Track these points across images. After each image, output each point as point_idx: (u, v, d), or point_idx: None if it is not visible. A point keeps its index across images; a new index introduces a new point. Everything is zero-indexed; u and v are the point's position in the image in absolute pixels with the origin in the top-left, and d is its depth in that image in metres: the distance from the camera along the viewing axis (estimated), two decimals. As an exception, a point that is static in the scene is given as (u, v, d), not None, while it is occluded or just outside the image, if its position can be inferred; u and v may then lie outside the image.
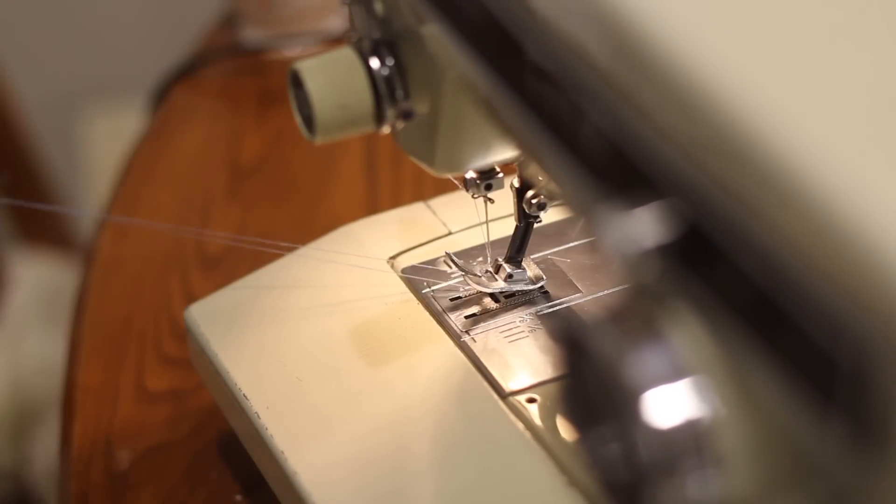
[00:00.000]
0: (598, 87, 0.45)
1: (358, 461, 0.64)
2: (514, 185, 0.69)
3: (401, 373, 0.68)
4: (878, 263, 0.35)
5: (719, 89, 0.40)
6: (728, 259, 0.40)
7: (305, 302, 0.73)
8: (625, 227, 0.42)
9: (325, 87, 0.62)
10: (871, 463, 0.37)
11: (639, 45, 0.42)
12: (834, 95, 0.40)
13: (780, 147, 0.38)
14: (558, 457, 0.61)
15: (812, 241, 0.37)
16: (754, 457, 0.42)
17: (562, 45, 0.47)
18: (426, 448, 0.64)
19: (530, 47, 0.49)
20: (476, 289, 0.70)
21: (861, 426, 0.37)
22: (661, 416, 0.42)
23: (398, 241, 0.75)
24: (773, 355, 0.39)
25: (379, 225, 0.77)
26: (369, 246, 0.75)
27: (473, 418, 0.65)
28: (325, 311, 0.72)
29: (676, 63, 0.41)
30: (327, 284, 0.73)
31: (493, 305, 0.70)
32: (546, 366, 0.67)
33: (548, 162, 0.49)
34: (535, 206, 0.68)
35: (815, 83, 0.40)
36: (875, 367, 0.36)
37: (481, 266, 0.71)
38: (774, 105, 0.39)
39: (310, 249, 0.76)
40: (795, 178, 0.37)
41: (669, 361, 0.43)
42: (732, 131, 0.39)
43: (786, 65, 0.41)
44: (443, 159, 0.64)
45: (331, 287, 0.73)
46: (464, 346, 0.69)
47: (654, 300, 0.43)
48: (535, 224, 0.70)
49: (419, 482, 0.62)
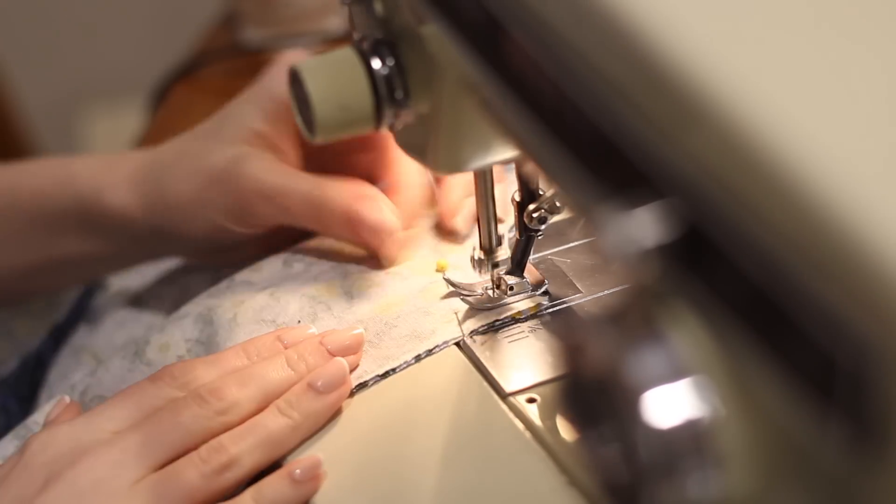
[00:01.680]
0: (598, 86, 0.45)
1: (358, 460, 0.64)
2: (514, 198, 0.69)
3: (401, 373, 0.68)
4: (878, 263, 0.35)
5: (720, 89, 0.40)
6: (728, 259, 0.40)
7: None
8: (625, 227, 0.42)
9: (325, 88, 0.62)
10: (871, 463, 0.37)
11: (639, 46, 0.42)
12: (835, 96, 0.40)
13: (780, 147, 0.38)
14: (558, 457, 0.61)
15: (812, 242, 0.37)
16: (754, 457, 0.42)
17: (561, 44, 0.47)
18: (426, 448, 0.64)
19: (530, 47, 0.49)
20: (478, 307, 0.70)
21: (861, 426, 0.37)
22: (661, 416, 0.42)
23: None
24: (773, 355, 0.39)
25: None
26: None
27: (473, 418, 0.65)
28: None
29: (677, 64, 0.41)
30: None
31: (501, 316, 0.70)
32: (546, 366, 0.67)
33: (548, 162, 0.49)
34: (536, 219, 0.68)
35: (816, 83, 0.40)
36: (875, 367, 0.36)
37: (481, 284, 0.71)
38: (774, 105, 0.39)
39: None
40: (795, 178, 0.37)
41: (669, 361, 0.43)
42: (732, 131, 0.39)
43: (786, 65, 0.41)
44: (443, 159, 0.64)
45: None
46: (464, 346, 0.69)
47: (654, 300, 0.43)
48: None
49: (419, 482, 0.62)
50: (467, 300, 0.70)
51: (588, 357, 0.44)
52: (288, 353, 0.66)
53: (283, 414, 0.63)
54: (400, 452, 0.64)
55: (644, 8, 0.43)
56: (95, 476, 0.60)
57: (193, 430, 0.62)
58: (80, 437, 0.62)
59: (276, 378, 0.64)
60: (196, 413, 0.62)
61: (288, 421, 0.63)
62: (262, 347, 0.67)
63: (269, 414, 0.63)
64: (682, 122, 0.41)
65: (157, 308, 0.82)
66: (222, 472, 0.61)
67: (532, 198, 0.68)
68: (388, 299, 0.71)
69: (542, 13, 0.48)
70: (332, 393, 0.65)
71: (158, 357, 0.72)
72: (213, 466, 0.61)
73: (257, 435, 0.62)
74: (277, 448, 0.63)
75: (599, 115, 0.45)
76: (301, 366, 0.65)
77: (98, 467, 0.60)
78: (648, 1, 0.43)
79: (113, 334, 0.81)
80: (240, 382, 0.64)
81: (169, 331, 0.73)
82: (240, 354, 0.66)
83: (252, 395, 0.64)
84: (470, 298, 0.70)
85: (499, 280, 0.71)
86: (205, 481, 0.61)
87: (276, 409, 0.64)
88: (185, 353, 0.72)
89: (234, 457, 0.61)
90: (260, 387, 0.64)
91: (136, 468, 0.61)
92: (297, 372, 0.65)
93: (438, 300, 0.70)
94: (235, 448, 0.62)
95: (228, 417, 0.63)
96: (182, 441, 0.62)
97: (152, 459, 0.61)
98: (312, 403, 0.64)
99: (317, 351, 0.66)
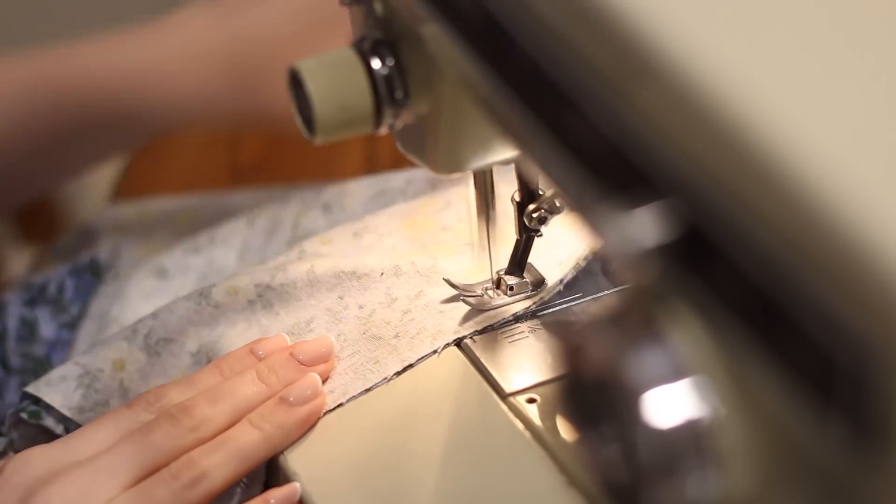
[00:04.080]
0: (597, 86, 0.45)
1: (358, 460, 0.64)
2: (514, 198, 0.69)
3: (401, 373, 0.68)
4: (878, 264, 0.35)
5: (719, 89, 0.40)
6: (728, 259, 0.40)
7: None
8: (625, 227, 0.42)
9: (325, 88, 0.62)
10: (871, 463, 0.37)
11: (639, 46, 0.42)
12: (835, 96, 0.40)
13: (780, 147, 0.38)
14: (558, 457, 0.61)
15: (812, 242, 0.37)
16: (754, 457, 0.42)
17: (561, 44, 0.47)
18: (426, 448, 0.64)
19: (530, 47, 0.49)
20: (478, 308, 0.70)
21: (861, 426, 0.37)
22: (661, 416, 0.42)
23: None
24: (773, 355, 0.39)
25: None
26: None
27: (473, 418, 0.65)
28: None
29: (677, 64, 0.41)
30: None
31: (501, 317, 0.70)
32: (546, 366, 0.67)
33: (547, 162, 0.49)
34: (536, 220, 0.68)
35: (817, 84, 0.40)
36: (875, 367, 0.36)
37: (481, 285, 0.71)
38: (775, 105, 0.39)
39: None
40: (795, 178, 0.37)
41: (669, 361, 0.43)
42: (732, 131, 0.39)
43: (787, 65, 0.41)
44: (443, 159, 0.64)
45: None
46: (464, 346, 0.69)
47: (654, 300, 0.43)
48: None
49: (419, 482, 0.62)
50: (467, 300, 0.70)
51: (588, 357, 0.44)
52: (259, 367, 0.66)
53: (254, 426, 0.63)
54: (399, 452, 0.64)
55: (644, 8, 0.43)
56: (69, 495, 0.60)
57: (165, 448, 0.62)
58: (57, 458, 0.62)
59: (247, 392, 0.65)
60: (168, 432, 0.63)
61: (259, 433, 0.63)
62: (234, 362, 0.67)
63: (241, 427, 0.64)
64: (682, 122, 0.41)
65: (183, 280, 0.82)
66: (192, 487, 0.61)
67: (532, 198, 0.68)
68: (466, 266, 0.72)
69: (541, 13, 0.48)
70: (303, 405, 0.65)
71: (226, 300, 0.72)
72: (182, 482, 0.61)
73: (228, 449, 0.62)
74: (248, 461, 0.63)
75: (599, 115, 0.45)
76: (272, 378, 0.65)
77: (71, 487, 0.61)
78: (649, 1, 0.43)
79: (139, 306, 0.81)
80: (210, 399, 0.64)
81: (240, 277, 0.73)
82: (213, 372, 0.67)
83: (223, 410, 0.64)
84: (470, 299, 0.70)
85: (498, 280, 0.71)
86: (175, 498, 0.61)
87: (247, 422, 0.64)
88: (256, 298, 0.71)
89: (204, 470, 0.62)
90: (230, 402, 0.64)
91: (108, 487, 0.61)
92: (269, 384, 0.65)
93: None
94: (206, 462, 0.62)
95: (200, 434, 0.63)
96: (154, 459, 0.62)
97: (126, 478, 0.61)
98: (284, 416, 0.64)
99: (287, 363, 0.66)
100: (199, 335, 0.72)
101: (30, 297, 0.85)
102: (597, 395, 0.44)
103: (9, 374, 0.83)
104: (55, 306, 0.84)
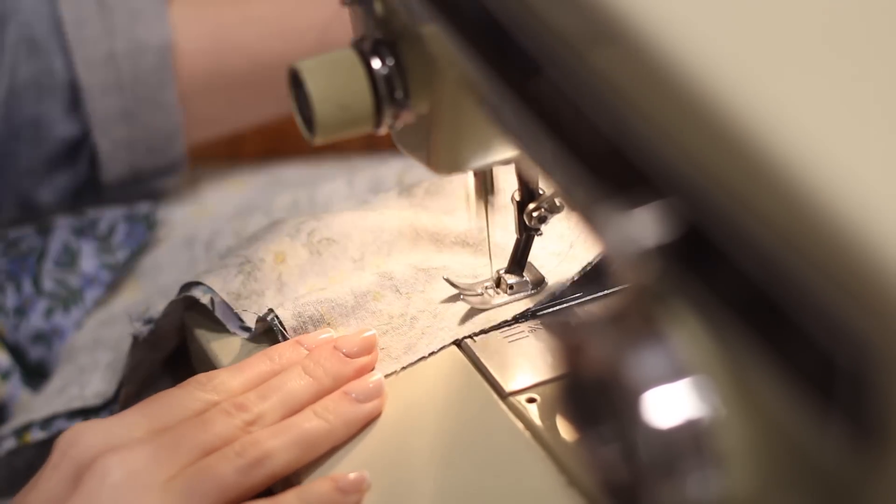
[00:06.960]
0: (597, 86, 0.45)
1: (358, 460, 0.64)
2: (514, 197, 0.69)
3: (402, 373, 0.68)
4: (878, 264, 0.35)
5: (720, 90, 0.40)
6: (728, 259, 0.40)
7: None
8: (625, 227, 0.42)
9: (325, 87, 0.62)
10: (871, 463, 0.37)
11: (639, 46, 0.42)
12: (835, 96, 0.40)
13: (780, 147, 0.38)
14: (558, 457, 0.62)
15: (812, 242, 0.37)
16: (754, 457, 0.42)
17: (561, 44, 0.47)
18: (427, 448, 0.64)
19: (530, 47, 0.49)
20: (479, 307, 0.70)
21: (861, 426, 0.37)
22: (661, 416, 0.42)
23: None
24: (772, 355, 0.39)
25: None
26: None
27: (473, 418, 0.65)
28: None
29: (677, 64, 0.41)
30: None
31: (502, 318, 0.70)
32: (546, 366, 0.67)
33: (547, 162, 0.49)
34: (536, 219, 0.69)
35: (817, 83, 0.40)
36: (875, 367, 0.36)
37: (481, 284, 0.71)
38: (775, 105, 0.39)
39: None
40: (795, 178, 0.37)
41: (669, 361, 0.43)
42: (732, 131, 0.39)
43: (787, 65, 0.41)
44: (443, 159, 0.64)
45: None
46: (464, 346, 0.69)
47: (654, 300, 0.43)
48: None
49: (419, 481, 0.62)
50: (468, 300, 0.70)
51: (588, 357, 0.44)
52: (304, 362, 0.66)
53: (318, 416, 0.64)
54: (400, 452, 0.64)
55: (645, 7, 0.43)
56: (129, 469, 0.60)
57: (225, 435, 0.62)
58: (114, 432, 0.62)
59: (295, 387, 0.65)
60: (226, 422, 0.63)
61: (323, 423, 0.63)
62: (283, 351, 0.67)
63: (305, 414, 0.64)
64: (682, 122, 0.41)
65: (220, 244, 0.83)
66: (256, 467, 0.61)
67: (532, 197, 0.68)
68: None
69: (542, 13, 0.48)
70: (368, 402, 0.65)
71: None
72: (247, 460, 0.61)
73: (292, 433, 0.63)
74: (310, 449, 0.63)
75: (599, 115, 0.45)
76: (318, 371, 0.65)
77: (133, 460, 0.60)
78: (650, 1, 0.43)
79: (172, 272, 0.83)
80: (260, 395, 0.64)
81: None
82: (263, 360, 0.67)
83: (274, 406, 0.64)
84: (470, 298, 0.70)
85: (498, 279, 0.71)
86: (238, 476, 0.61)
87: (311, 412, 0.64)
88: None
89: (269, 451, 0.62)
90: (279, 396, 0.64)
91: (169, 465, 0.61)
92: (315, 377, 0.65)
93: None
94: (270, 443, 0.62)
95: (256, 427, 0.63)
96: (214, 445, 0.62)
97: (186, 458, 0.61)
98: (349, 410, 0.64)
99: (332, 355, 0.66)
100: (363, 241, 0.73)
101: (80, 226, 0.85)
102: (597, 395, 0.44)
103: (39, 294, 0.83)
104: (102, 244, 0.85)
